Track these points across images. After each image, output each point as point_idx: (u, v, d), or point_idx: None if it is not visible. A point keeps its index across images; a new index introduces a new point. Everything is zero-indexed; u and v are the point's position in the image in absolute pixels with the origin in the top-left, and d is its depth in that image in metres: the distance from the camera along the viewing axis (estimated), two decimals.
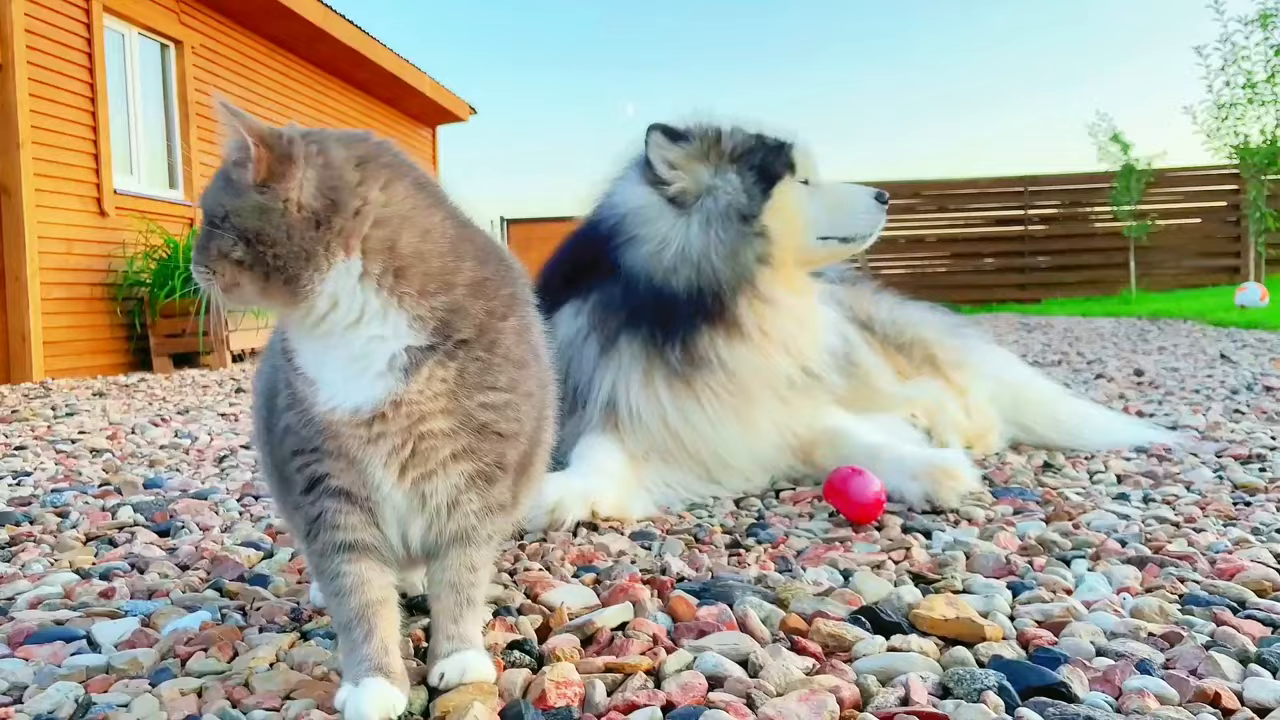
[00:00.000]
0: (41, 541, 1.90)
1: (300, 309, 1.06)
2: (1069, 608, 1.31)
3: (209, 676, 1.19)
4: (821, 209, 2.23)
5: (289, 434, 1.10)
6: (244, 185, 1.05)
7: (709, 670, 1.14)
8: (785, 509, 2.00)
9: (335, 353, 1.07)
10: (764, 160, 2.20)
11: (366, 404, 1.06)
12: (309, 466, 1.09)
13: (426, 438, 1.08)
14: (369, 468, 1.08)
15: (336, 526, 1.09)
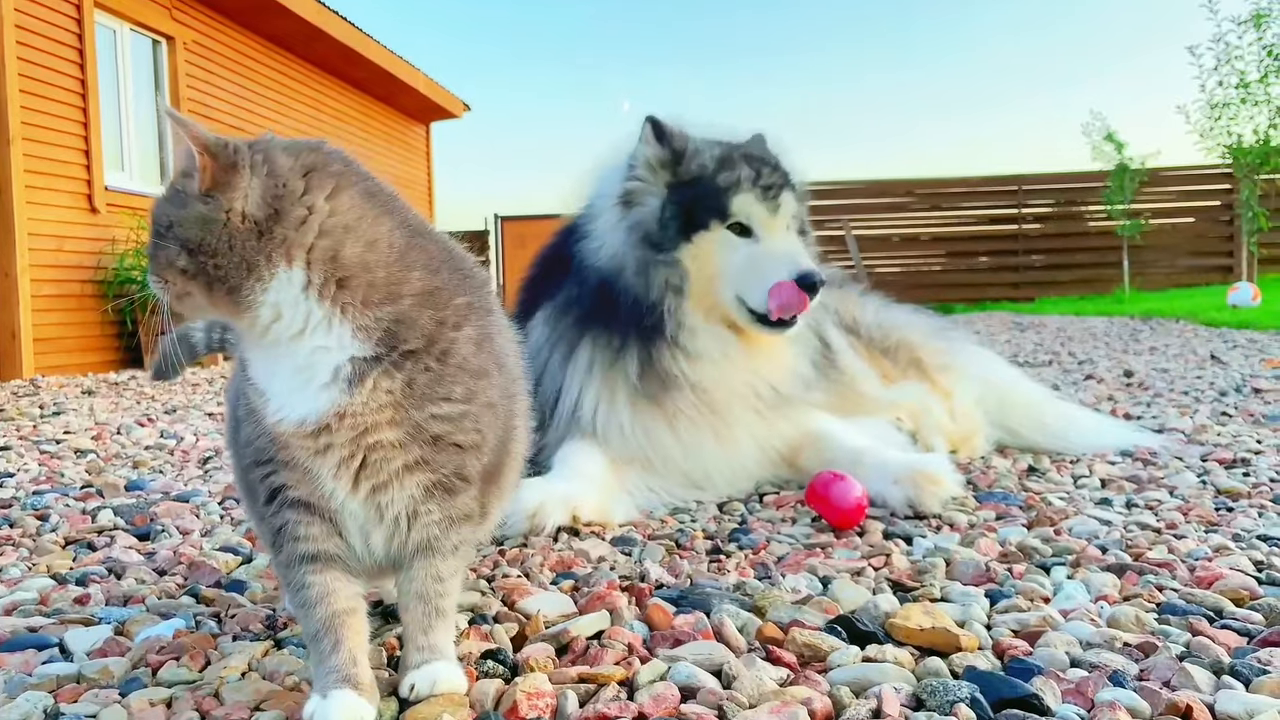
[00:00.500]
0: (20, 545, 1.89)
1: (245, 319, 1.06)
2: (1046, 617, 1.31)
3: (179, 686, 1.18)
4: (743, 269, 2.08)
5: (249, 445, 1.10)
6: (189, 195, 1.04)
7: (682, 681, 1.14)
8: (769, 513, 1.99)
9: (282, 363, 1.07)
10: (697, 200, 2.09)
11: (311, 415, 1.05)
12: (269, 477, 1.09)
13: (376, 449, 1.08)
14: (320, 478, 1.08)
15: (299, 538, 1.08)
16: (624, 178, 2.17)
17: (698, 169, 2.13)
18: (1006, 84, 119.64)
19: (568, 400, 2.16)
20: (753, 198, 2.10)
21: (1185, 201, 15.13)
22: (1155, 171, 14.38)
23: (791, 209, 2.15)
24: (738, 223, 2.10)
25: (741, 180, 2.10)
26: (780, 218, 2.13)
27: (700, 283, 2.10)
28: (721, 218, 2.10)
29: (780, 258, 2.06)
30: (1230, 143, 12.86)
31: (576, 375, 2.16)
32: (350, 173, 1.12)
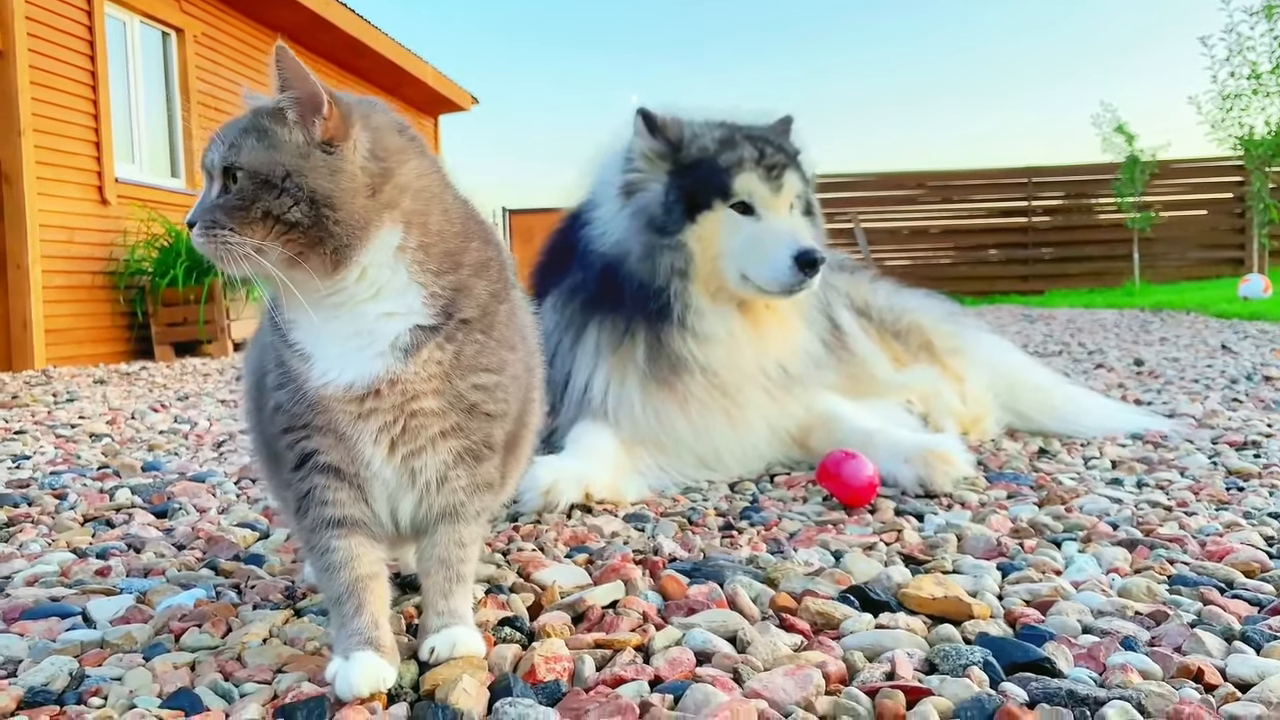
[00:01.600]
0: (39, 522, 1.91)
1: (333, 279, 1.04)
2: (1057, 587, 1.32)
3: (202, 651, 1.20)
4: (745, 247, 2.09)
5: (279, 412, 1.10)
6: (301, 143, 1.02)
7: (697, 646, 1.15)
8: (779, 492, 2.01)
9: (338, 326, 1.06)
10: (700, 181, 2.10)
11: (360, 381, 1.06)
12: (299, 443, 1.09)
13: (417, 415, 1.09)
14: (358, 444, 1.09)
15: (326, 502, 1.09)
16: (622, 169, 2.19)
17: (699, 151, 2.14)
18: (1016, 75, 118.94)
19: (578, 383, 2.17)
20: (756, 176, 2.11)
21: (1196, 194, 15.06)
22: (1166, 164, 14.32)
23: (796, 188, 2.16)
24: (741, 201, 2.11)
25: (744, 160, 2.12)
26: (783, 196, 2.13)
27: (705, 263, 2.12)
28: (725, 197, 2.11)
29: (782, 235, 2.07)
30: (1242, 134, 12.81)
31: (585, 358, 2.17)
32: (420, 139, 1.13)
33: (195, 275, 7.19)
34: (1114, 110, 14.10)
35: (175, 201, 8.08)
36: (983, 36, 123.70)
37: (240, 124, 1.05)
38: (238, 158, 1.02)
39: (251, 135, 1.03)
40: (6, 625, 1.31)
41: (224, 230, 1.01)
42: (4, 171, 6.44)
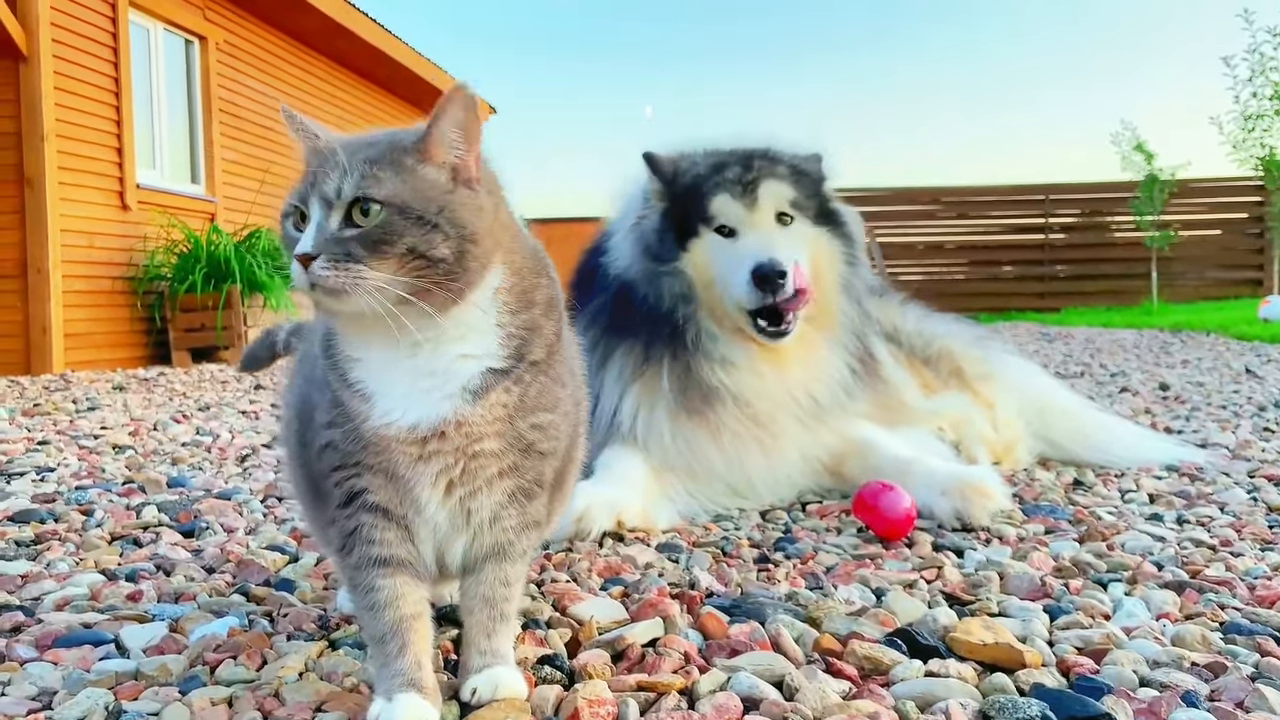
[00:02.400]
0: (67, 540, 1.90)
1: (445, 317, 1.00)
2: (1109, 634, 1.28)
3: (238, 685, 1.18)
4: (723, 270, 2.07)
5: (330, 449, 1.07)
6: (446, 180, 1.01)
7: (744, 691, 1.13)
8: (812, 522, 1.98)
9: (412, 365, 1.03)
10: (687, 209, 2.12)
11: (425, 423, 1.03)
12: (348, 481, 1.07)
13: (477, 457, 1.07)
14: (415, 486, 1.06)
15: (372, 541, 1.07)
16: (637, 209, 2.23)
17: (690, 181, 2.16)
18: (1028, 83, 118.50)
19: (605, 407, 2.15)
20: (729, 196, 2.10)
21: (1215, 213, 14.97)
22: (1185, 183, 14.23)
23: (774, 199, 2.12)
24: (721, 225, 2.11)
25: (722, 182, 2.12)
26: (759, 211, 2.11)
27: (704, 289, 2.11)
28: (707, 222, 2.12)
29: (743, 252, 2.05)
30: (1264, 155, 12.73)
31: (611, 383, 2.16)
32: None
33: (214, 282, 7.22)
34: (1133, 128, 14.04)
35: (195, 208, 8.11)
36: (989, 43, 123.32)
37: (368, 155, 1.00)
38: (377, 190, 0.98)
39: (390, 168, 0.99)
40: (40, 653, 1.30)
41: (358, 264, 0.96)
42: (26, 176, 6.48)
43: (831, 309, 2.20)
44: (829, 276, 2.19)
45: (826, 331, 2.20)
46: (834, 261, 2.20)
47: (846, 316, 2.23)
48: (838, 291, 2.21)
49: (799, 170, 2.17)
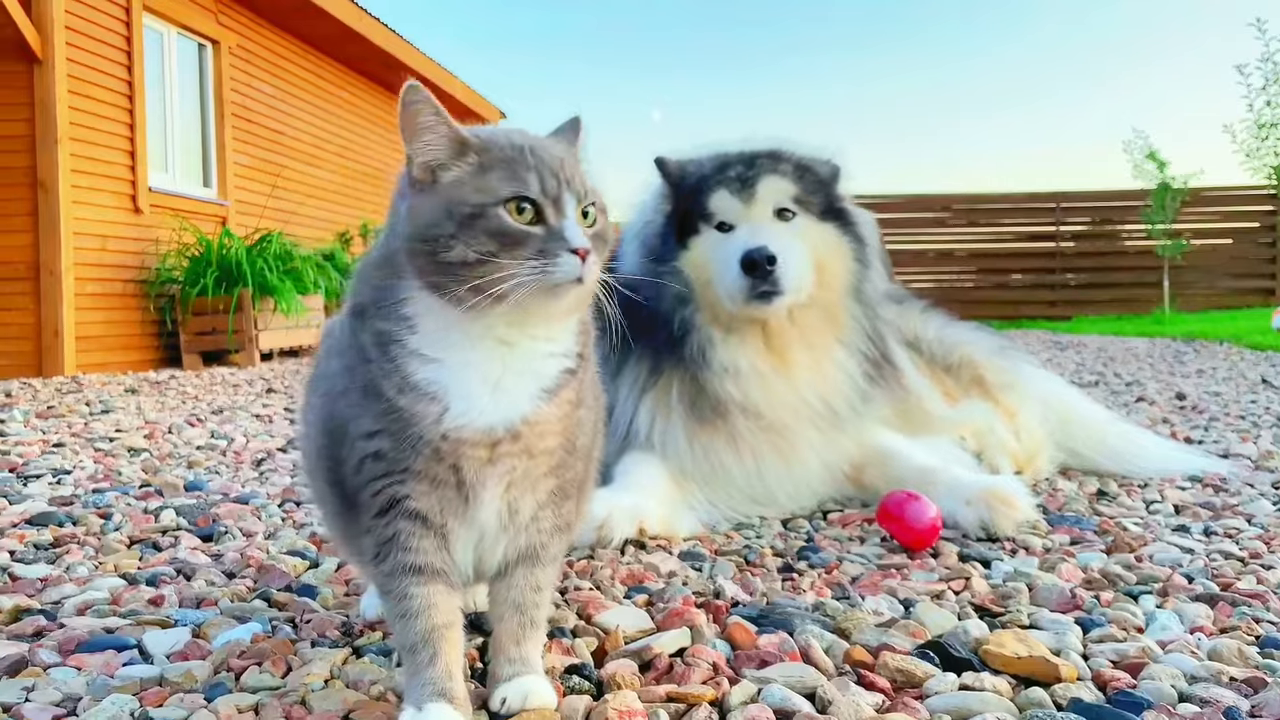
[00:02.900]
0: (85, 544, 1.89)
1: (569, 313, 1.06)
2: (1144, 648, 1.27)
3: (263, 692, 1.16)
4: (715, 266, 2.06)
5: (374, 460, 1.05)
6: None
7: (776, 703, 1.11)
8: (834, 531, 1.96)
9: (489, 368, 1.02)
10: (688, 208, 2.12)
11: (502, 423, 1.03)
12: (389, 489, 1.05)
13: (536, 456, 1.07)
14: (479, 488, 1.05)
15: (409, 549, 1.05)
16: (648, 216, 2.24)
17: (694, 181, 2.16)
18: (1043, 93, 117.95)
19: (621, 416, 2.13)
20: (727, 193, 2.09)
21: (1227, 222, 14.90)
22: (1197, 191, 14.17)
23: (773, 194, 2.10)
24: (721, 221, 2.10)
25: (722, 180, 2.11)
26: (756, 206, 2.09)
27: (702, 288, 2.09)
28: (707, 220, 2.11)
29: (734, 243, 2.04)
30: (1277, 164, 12.68)
31: (625, 392, 2.14)
32: None
33: (225, 285, 7.23)
34: (1145, 136, 13.99)
35: (207, 211, 8.13)
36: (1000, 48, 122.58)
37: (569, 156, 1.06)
38: (600, 193, 1.06)
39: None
40: (63, 658, 1.29)
41: (599, 262, 1.04)
42: (40, 179, 6.49)
43: (839, 309, 2.15)
44: (836, 275, 2.14)
45: (835, 332, 2.15)
46: (842, 260, 2.15)
47: (855, 318, 2.18)
48: (845, 291, 2.16)
49: (804, 167, 2.14)
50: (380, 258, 1.07)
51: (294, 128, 9.58)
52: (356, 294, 1.09)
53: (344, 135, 10.59)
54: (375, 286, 1.06)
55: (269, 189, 8.88)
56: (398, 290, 1.04)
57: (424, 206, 1.01)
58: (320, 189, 10.01)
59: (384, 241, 1.08)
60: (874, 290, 2.19)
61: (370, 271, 1.08)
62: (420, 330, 1.03)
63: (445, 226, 0.98)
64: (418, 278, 1.01)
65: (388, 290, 1.04)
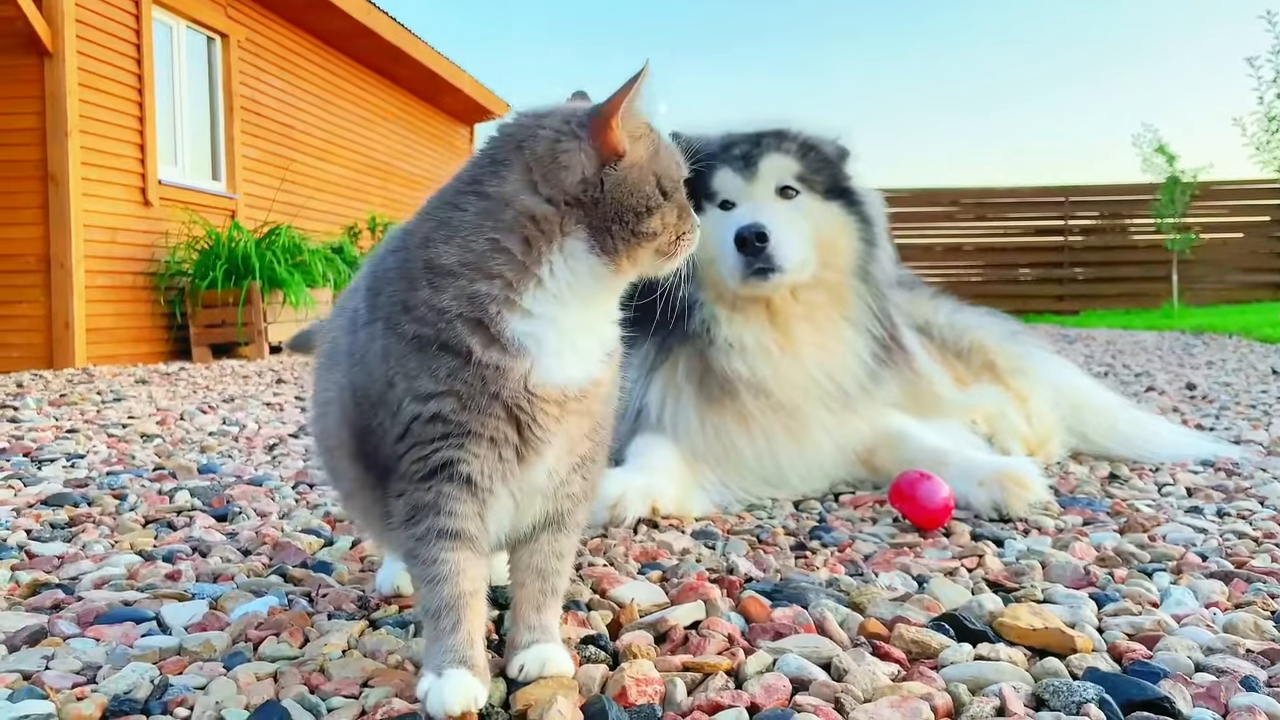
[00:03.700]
0: (101, 523, 1.90)
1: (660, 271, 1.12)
2: (1160, 621, 1.27)
3: (282, 661, 1.17)
4: (717, 241, 2.05)
5: (428, 421, 1.03)
6: None
7: (792, 673, 1.11)
8: (846, 512, 1.96)
9: (572, 328, 1.06)
10: (692, 187, 2.11)
11: (575, 381, 1.07)
12: (442, 451, 1.04)
13: (587, 416, 1.11)
14: (543, 446, 1.07)
15: (450, 513, 1.05)
16: None
17: (699, 160, 2.14)
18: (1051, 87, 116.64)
19: (632, 398, 2.14)
20: (730, 170, 2.11)
21: (1236, 216, 14.84)
22: (1207, 185, 14.09)
23: (776, 172, 2.10)
24: (724, 200, 2.11)
25: (726, 158, 2.11)
26: (758, 184, 2.09)
27: (706, 266, 2.09)
28: (710, 198, 2.12)
29: (732, 220, 2.04)
30: None
31: (634, 373, 2.14)
32: None
33: (234, 278, 7.25)
34: (1155, 130, 13.93)
35: (216, 204, 8.15)
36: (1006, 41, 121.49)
37: None
38: None
39: None
40: (82, 629, 1.30)
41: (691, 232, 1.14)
42: (50, 172, 6.52)
43: (844, 287, 2.15)
44: (840, 254, 2.14)
45: (841, 311, 2.15)
46: (848, 238, 2.15)
47: (862, 297, 2.17)
48: (851, 270, 2.16)
49: (809, 145, 2.14)
50: (474, 223, 1.05)
51: (303, 122, 9.59)
52: (434, 256, 1.05)
53: (352, 129, 10.60)
54: (471, 250, 1.04)
55: (278, 182, 8.90)
56: (521, 250, 1.04)
57: (632, 177, 1.05)
58: (329, 183, 10.03)
59: (485, 209, 1.05)
60: (881, 271, 2.19)
61: (459, 236, 1.05)
62: (543, 289, 1.04)
63: (656, 197, 1.06)
64: (590, 238, 1.04)
65: (491, 254, 1.04)
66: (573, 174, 1.04)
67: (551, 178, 1.04)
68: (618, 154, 1.04)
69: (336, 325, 1.19)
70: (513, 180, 1.05)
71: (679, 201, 1.09)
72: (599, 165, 1.04)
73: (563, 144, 1.05)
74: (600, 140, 1.04)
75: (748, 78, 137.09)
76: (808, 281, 2.09)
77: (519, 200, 1.04)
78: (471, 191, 1.06)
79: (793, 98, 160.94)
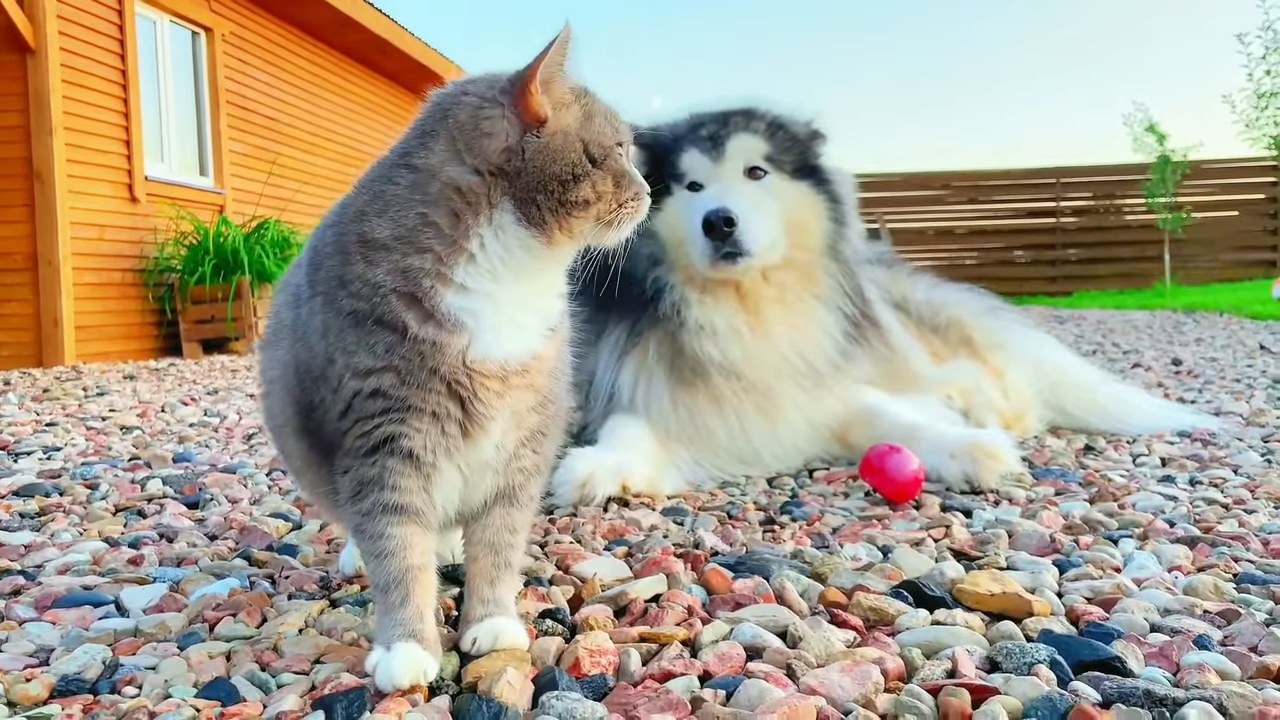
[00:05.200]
0: (71, 512, 1.89)
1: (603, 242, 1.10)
2: (1119, 584, 1.26)
3: (237, 641, 1.17)
4: (686, 224, 2.04)
5: (369, 397, 1.03)
6: None
7: (747, 640, 1.11)
8: (819, 488, 1.96)
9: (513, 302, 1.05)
10: (660, 168, 2.12)
11: (516, 356, 1.06)
12: (384, 427, 1.03)
13: (530, 391, 1.09)
14: (487, 421, 1.06)
15: (394, 488, 1.04)
16: None
17: (666, 142, 2.16)
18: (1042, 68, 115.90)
19: (604, 381, 2.13)
20: (697, 151, 2.10)
21: (1228, 194, 14.82)
22: (1198, 164, 14.08)
23: (743, 153, 2.09)
24: (692, 181, 2.10)
25: (694, 139, 2.10)
26: (725, 165, 2.08)
27: (675, 248, 2.09)
28: (679, 180, 2.11)
29: (699, 203, 2.03)
30: (1277, 134, 12.59)
31: (605, 356, 2.14)
32: None
33: (223, 273, 7.23)
34: (1145, 109, 13.90)
35: (204, 200, 8.12)
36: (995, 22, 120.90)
37: None
38: None
39: None
40: (39, 614, 1.29)
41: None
42: (36, 170, 6.49)
43: (814, 266, 2.14)
44: (810, 234, 2.13)
45: (811, 290, 2.14)
46: (817, 218, 2.14)
47: (832, 276, 2.17)
48: (821, 250, 2.15)
49: (778, 125, 2.13)
50: (405, 197, 1.03)
51: (290, 114, 9.56)
52: (368, 230, 1.03)
53: (340, 121, 10.56)
54: (402, 225, 1.02)
55: (266, 176, 8.87)
56: (448, 224, 1.02)
57: (555, 143, 1.03)
58: (317, 175, 9.99)
59: (415, 182, 1.04)
60: (851, 249, 2.19)
61: (390, 210, 1.03)
62: (475, 264, 1.03)
63: (583, 165, 1.03)
64: (516, 210, 1.02)
65: (421, 228, 1.02)
66: (495, 142, 1.02)
67: (475, 147, 1.03)
68: (539, 120, 1.02)
69: (280, 302, 1.18)
70: (439, 151, 1.04)
71: (614, 169, 1.05)
72: (521, 132, 1.02)
73: (485, 111, 1.03)
74: (521, 106, 1.02)
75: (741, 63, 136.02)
76: (778, 262, 2.09)
77: (444, 171, 1.03)
78: (403, 164, 1.05)
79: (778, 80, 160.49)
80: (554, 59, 1.02)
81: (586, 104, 1.06)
